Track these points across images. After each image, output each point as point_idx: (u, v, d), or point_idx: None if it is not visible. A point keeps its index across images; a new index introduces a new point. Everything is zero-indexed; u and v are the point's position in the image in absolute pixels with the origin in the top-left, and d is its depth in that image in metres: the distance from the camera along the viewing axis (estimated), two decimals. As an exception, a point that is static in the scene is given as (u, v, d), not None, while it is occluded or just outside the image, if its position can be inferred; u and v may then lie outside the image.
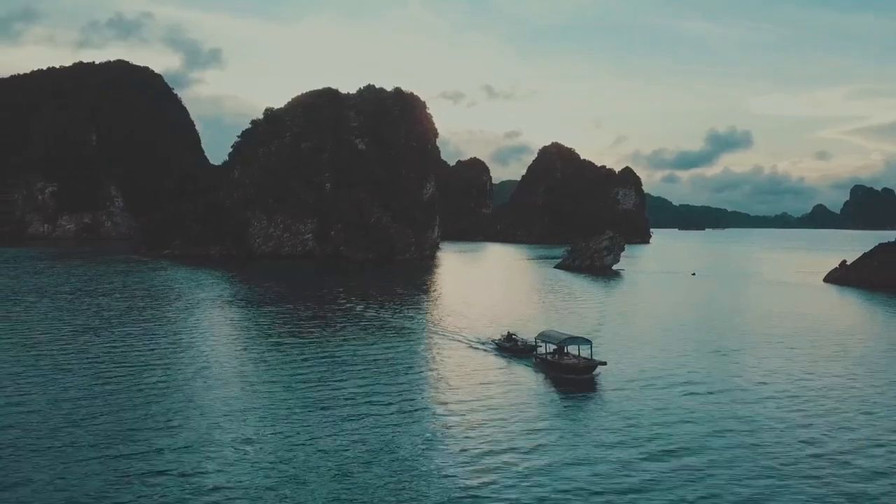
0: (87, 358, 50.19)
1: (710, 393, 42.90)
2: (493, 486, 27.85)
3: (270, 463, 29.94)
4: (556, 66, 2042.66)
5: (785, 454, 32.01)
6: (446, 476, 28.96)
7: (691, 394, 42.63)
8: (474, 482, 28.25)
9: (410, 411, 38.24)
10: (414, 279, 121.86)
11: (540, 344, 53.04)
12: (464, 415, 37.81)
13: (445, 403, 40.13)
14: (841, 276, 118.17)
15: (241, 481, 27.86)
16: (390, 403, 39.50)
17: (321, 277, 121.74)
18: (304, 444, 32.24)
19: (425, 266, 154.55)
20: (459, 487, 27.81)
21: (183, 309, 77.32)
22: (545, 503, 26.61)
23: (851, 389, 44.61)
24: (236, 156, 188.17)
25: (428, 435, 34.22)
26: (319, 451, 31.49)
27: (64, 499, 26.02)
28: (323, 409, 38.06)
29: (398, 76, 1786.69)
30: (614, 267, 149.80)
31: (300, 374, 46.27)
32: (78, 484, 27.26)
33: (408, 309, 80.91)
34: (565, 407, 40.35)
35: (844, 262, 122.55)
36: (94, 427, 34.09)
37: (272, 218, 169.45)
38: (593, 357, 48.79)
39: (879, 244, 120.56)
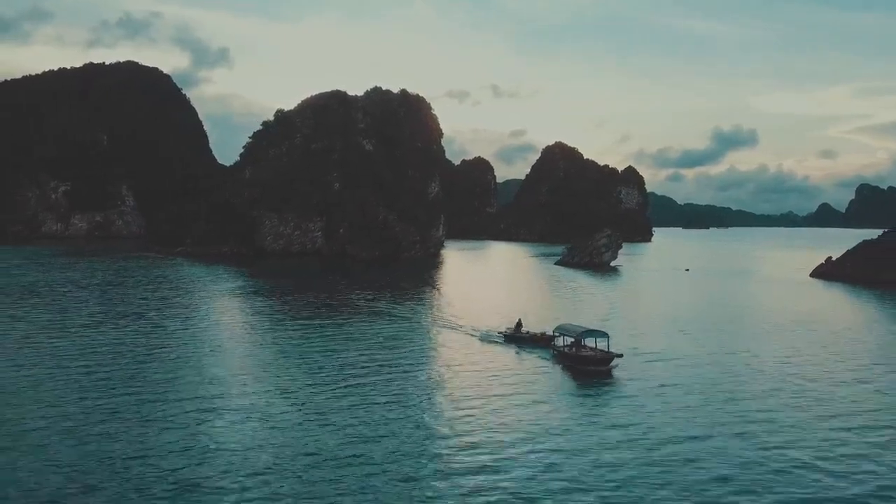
0: (131, 337, 56.35)
1: (719, 379, 45.60)
2: (517, 470, 29.23)
3: (278, 437, 32.68)
4: (561, 64, 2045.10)
5: (805, 440, 33.77)
6: (467, 462, 30.17)
7: (704, 381, 45.23)
8: (498, 466, 29.78)
9: (429, 399, 40.36)
10: (420, 275, 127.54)
11: (558, 336, 54.35)
12: (485, 403, 39.40)
13: (465, 393, 41.73)
14: (826, 272, 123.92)
15: (250, 451, 30.78)
16: (407, 391, 41.60)
17: (329, 273, 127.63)
18: (312, 423, 34.64)
19: (430, 263, 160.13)
20: (481, 470, 29.20)
21: (206, 298, 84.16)
22: (573, 487, 27.68)
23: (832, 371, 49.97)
24: (247, 156, 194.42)
25: (447, 422, 35.71)
26: (328, 429, 33.66)
27: (104, 458, 30.08)
28: (333, 395, 40.08)
29: (403, 75, 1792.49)
30: (612, 263, 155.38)
31: (313, 360, 49.85)
32: (115, 444, 32.05)
33: (415, 302, 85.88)
34: (585, 396, 42.11)
35: (830, 258, 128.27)
36: (152, 394, 40.16)
37: (282, 217, 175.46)
38: (610, 349, 50.14)
39: (863, 241, 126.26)
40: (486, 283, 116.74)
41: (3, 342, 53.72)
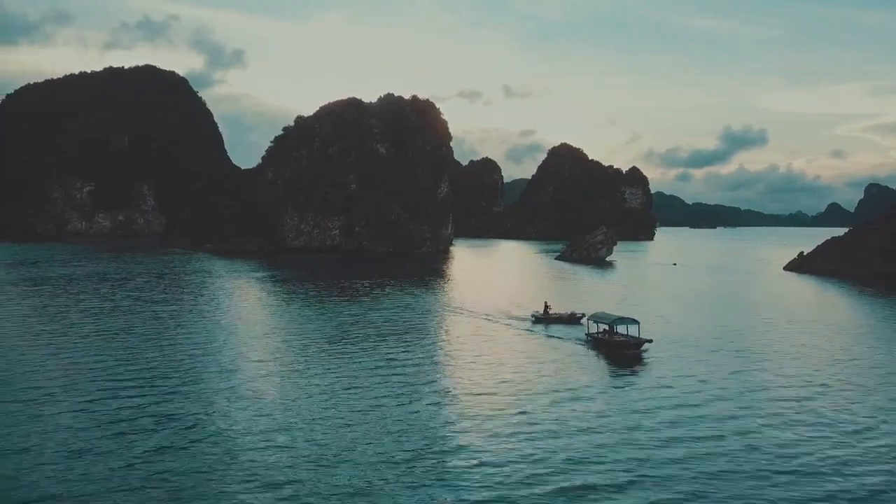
0: (197, 310, 69.87)
1: (730, 359, 50.07)
2: (559, 443, 30.82)
3: (296, 424, 33.20)
4: (570, 63, 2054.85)
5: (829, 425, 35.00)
6: (505, 441, 31.16)
7: (723, 361, 49.46)
8: (541, 443, 31.10)
9: (472, 379, 42.81)
10: (434, 268, 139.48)
11: (592, 323, 58.11)
12: (531, 385, 41.67)
13: (507, 374, 44.39)
14: (797, 266, 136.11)
15: (268, 434, 31.82)
16: (449, 372, 44.69)
17: (348, 266, 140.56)
18: (332, 410, 35.74)
19: (441, 258, 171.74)
20: (522, 446, 30.53)
21: (244, 284, 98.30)
22: (612, 460, 29.15)
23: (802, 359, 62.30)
24: (269, 159, 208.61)
25: (483, 405, 37.08)
26: (351, 416, 34.62)
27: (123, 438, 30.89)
28: (361, 380, 41.85)
29: (414, 76, 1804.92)
30: (608, 259, 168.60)
31: (336, 344, 53.67)
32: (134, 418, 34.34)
33: (434, 292, 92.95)
34: (622, 376, 45.04)
35: (802, 252, 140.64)
36: (192, 356, 53.03)
37: (303, 216, 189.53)
38: (640, 335, 53.79)
39: (831, 237, 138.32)
40: (494, 276, 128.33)
41: (103, 311, 67.53)
